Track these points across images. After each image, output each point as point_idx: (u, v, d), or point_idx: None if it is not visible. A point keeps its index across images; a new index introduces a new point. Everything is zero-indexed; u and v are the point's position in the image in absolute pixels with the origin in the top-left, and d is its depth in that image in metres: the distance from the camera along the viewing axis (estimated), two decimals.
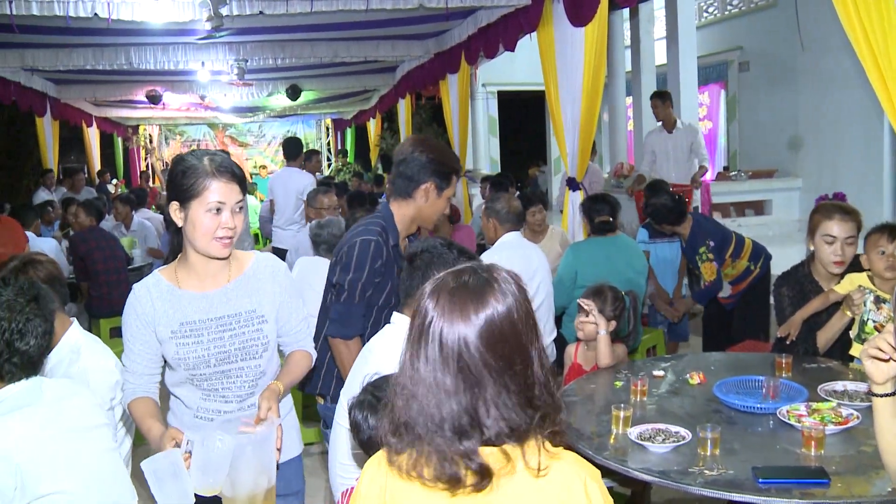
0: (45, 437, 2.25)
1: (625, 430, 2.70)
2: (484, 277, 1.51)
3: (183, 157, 2.37)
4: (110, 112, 14.78)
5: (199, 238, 2.32)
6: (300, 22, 7.34)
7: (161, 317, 2.39)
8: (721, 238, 5.22)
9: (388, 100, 13.07)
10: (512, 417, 1.45)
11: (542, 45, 6.50)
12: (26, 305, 2.31)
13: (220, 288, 2.44)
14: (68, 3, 5.73)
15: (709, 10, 13.20)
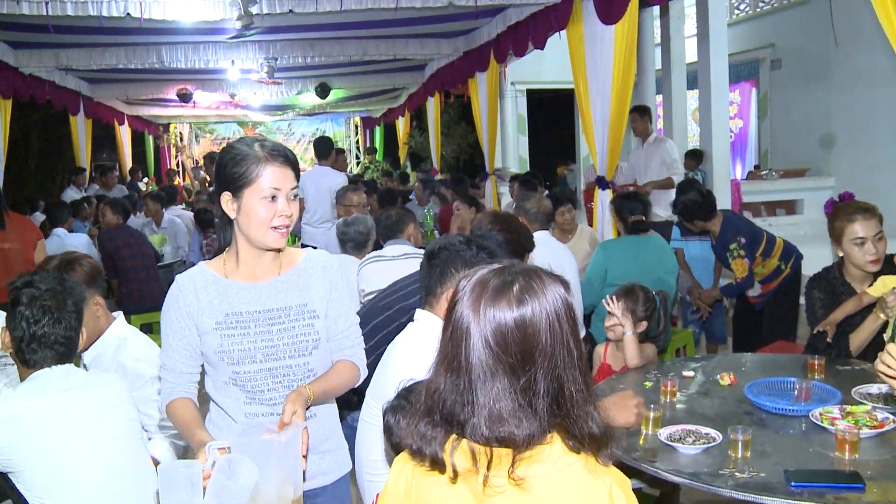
0: (47, 412, 2.37)
1: (654, 430, 2.68)
2: (525, 272, 1.52)
3: (231, 146, 2.26)
4: (142, 110, 14.92)
5: (254, 228, 2.20)
6: (329, 20, 7.36)
7: (206, 307, 2.25)
8: (752, 235, 5.16)
9: (416, 98, 13.07)
10: (540, 417, 1.45)
11: (571, 42, 6.46)
12: (44, 293, 2.48)
13: (270, 280, 2.31)
14: (102, 4, 5.79)
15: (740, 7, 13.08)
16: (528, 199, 4.87)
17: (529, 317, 1.44)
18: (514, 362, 1.44)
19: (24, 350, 2.46)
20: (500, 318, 1.44)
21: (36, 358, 2.46)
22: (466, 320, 1.47)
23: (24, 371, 2.50)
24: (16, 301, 2.48)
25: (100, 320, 3.02)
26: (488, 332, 1.44)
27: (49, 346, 2.46)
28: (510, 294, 1.46)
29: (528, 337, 1.44)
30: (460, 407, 1.47)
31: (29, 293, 2.48)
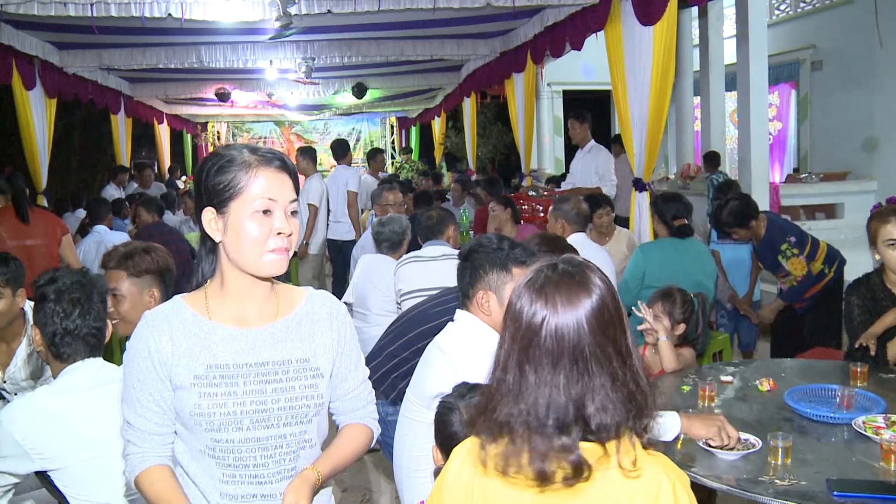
0: (79, 408, 2.39)
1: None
2: (578, 263, 1.54)
3: (216, 152, 1.83)
4: (180, 109, 15.09)
5: (245, 251, 1.76)
6: (367, 20, 7.39)
7: (182, 355, 1.80)
8: (799, 234, 5.07)
9: (453, 98, 13.07)
10: (614, 409, 1.45)
11: (609, 43, 6.42)
12: (70, 287, 2.51)
13: (264, 326, 1.86)
14: (144, 4, 5.87)
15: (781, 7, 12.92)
16: (566, 200, 4.87)
17: (595, 309, 1.46)
18: (588, 359, 1.45)
19: (59, 344, 2.48)
20: (568, 317, 1.46)
21: (69, 351, 2.49)
22: (533, 322, 1.48)
23: (56, 365, 2.53)
24: (42, 297, 2.51)
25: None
26: (560, 334, 1.46)
27: (81, 338, 2.50)
28: (572, 289, 1.48)
29: (600, 328, 1.46)
30: (528, 411, 1.47)
31: (55, 288, 2.51)
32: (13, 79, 7.42)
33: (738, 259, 5.92)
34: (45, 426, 2.33)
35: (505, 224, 6.20)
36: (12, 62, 7.30)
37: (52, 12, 5.75)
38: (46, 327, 2.49)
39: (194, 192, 1.83)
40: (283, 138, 20.55)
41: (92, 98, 9.77)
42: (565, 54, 7.95)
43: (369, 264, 5.13)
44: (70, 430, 2.35)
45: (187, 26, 6.88)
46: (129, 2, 5.80)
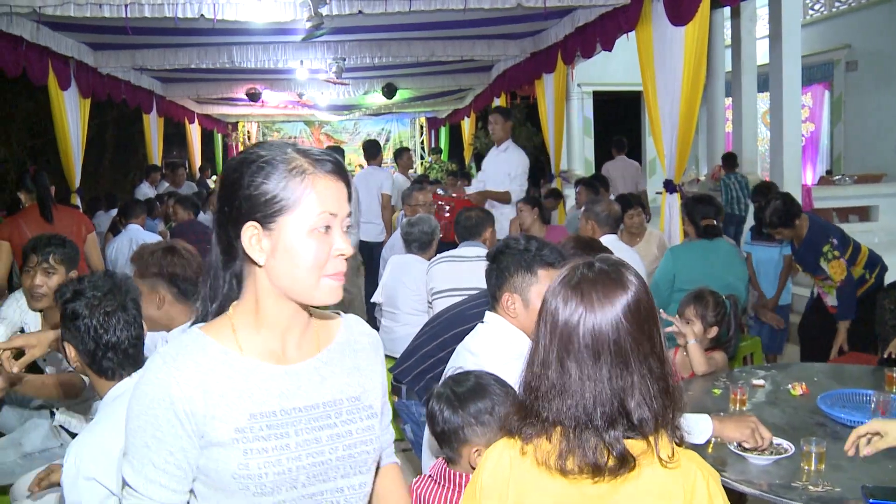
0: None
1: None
2: (613, 262, 1.58)
3: (252, 150, 1.47)
4: (211, 109, 15.20)
5: (300, 275, 1.43)
6: (397, 21, 7.40)
7: (217, 405, 1.42)
8: (841, 236, 4.88)
9: (482, 99, 13.05)
10: (653, 404, 1.48)
11: (640, 44, 6.38)
12: (103, 299, 2.31)
13: (307, 361, 1.54)
14: (177, 5, 5.92)
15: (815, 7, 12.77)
16: (598, 202, 4.86)
17: (631, 308, 1.49)
18: (624, 356, 1.48)
19: (99, 361, 2.30)
20: (603, 315, 1.49)
21: (112, 366, 2.31)
22: (568, 320, 1.51)
23: (102, 383, 2.34)
24: (74, 315, 2.29)
25: (160, 310, 3.04)
26: (594, 333, 1.49)
27: (123, 351, 2.31)
28: (608, 288, 1.51)
29: (634, 326, 1.49)
30: (565, 405, 1.50)
31: (86, 302, 2.29)
32: (49, 79, 7.53)
33: (768, 259, 5.86)
34: (113, 470, 2.09)
35: (532, 224, 6.19)
36: (48, 63, 7.41)
37: (87, 13, 5.82)
38: (84, 345, 2.29)
39: (223, 200, 1.47)
40: (312, 138, 20.67)
41: (125, 98, 9.88)
42: (596, 55, 7.91)
43: (399, 264, 5.15)
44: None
45: (219, 27, 6.94)
46: (162, 3, 5.86)
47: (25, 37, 6.61)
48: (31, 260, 3.58)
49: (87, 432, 2.23)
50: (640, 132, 15.81)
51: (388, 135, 21.00)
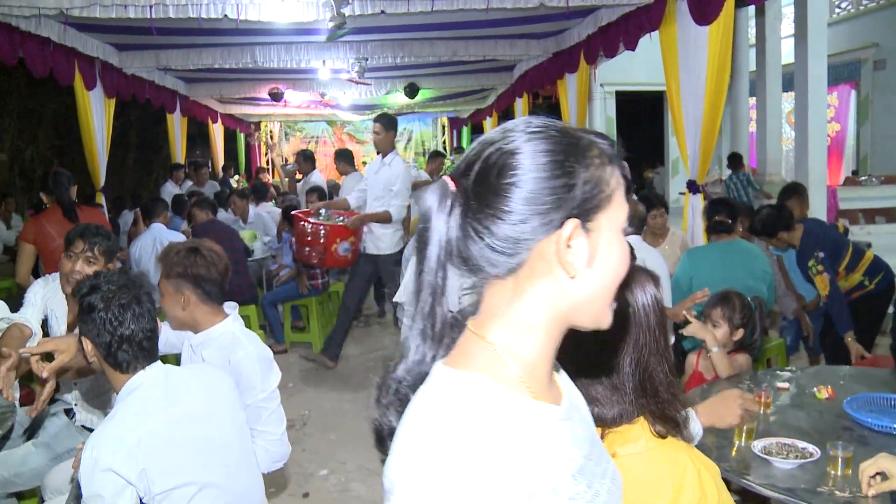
0: (167, 429, 2.31)
1: (748, 442, 2.61)
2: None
3: (553, 126, 1.11)
4: (234, 109, 15.27)
5: (606, 294, 1.13)
6: (420, 21, 7.41)
7: (551, 476, 1.05)
8: (833, 248, 4.88)
9: (504, 99, 13.03)
10: (633, 395, 1.56)
11: (664, 44, 6.34)
12: (117, 292, 2.37)
13: (567, 399, 1.19)
14: (201, 6, 5.96)
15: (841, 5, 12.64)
16: None
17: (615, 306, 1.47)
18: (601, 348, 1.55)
19: (115, 353, 2.36)
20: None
21: (128, 358, 2.37)
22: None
23: (117, 377, 2.40)
24: (90, 308, 2.36)
25: (185, 311, 3.08)
26: None
27: (138, 343, 2.38)
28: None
29: (615, 325, 1.44)
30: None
31: (101, 295, 2.37)
32: (75, 79, 7.60)
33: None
34: (131, 461, 2.19)
35: None
36: (75, 63, 7.48)
37: (112, 14, 5.86)
38: (100, 337, 2.36)
39: (536, 195, 1.04)
40: (334, 138, 20.71)
41: (149, 98, 9.95)
42: (619, 54, 7.86)
43: None
44: (155, 455, 2.24)
45: (242, 27, 6.98)
46: (186, 3, 5.90)
47: (53, 38, 6.69)
48: (77, 245, 3.63)
49: (104, 424, 2.28)
50: (663, 132, 15.74)
51: (410, 134, 20.99)
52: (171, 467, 2.26)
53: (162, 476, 2.23)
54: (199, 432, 2.40)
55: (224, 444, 2.49)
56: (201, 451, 2.38)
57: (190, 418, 2.40)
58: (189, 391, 2.48)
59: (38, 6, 5.61)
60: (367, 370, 6.96)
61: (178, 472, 2.28)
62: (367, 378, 6.70)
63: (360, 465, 4.87)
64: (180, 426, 2.35)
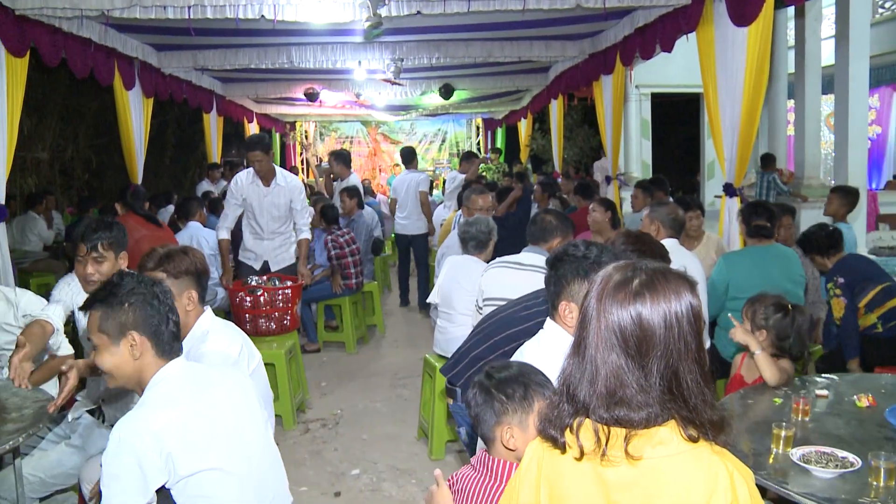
0: (192, 417, 2.35)
1: (786, 450, 2.57)
2: (648, 268, 1.65)
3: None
4: (269, 109, 15.37)
5: None
6: (456, 22, 7.41)
7: None
8: (856, 280, 4.78)
9: (540, 100, 13.00)
10: (660, 398, 1.57)
11: (701, 45, 6.28)
12: (152, 286, 2.49)
13: None
14: (238, 7, 6.00)
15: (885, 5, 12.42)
16: (664, 205, 4.78)
17: (646, 312, 1.57)
18: (630, 351, 1.57)
19: (163, 334, 2.44)
20: (617, 311, 1.58)
21: (170, 340, 2.47)
22: (591, 309, 1.63)
23: (148, 367, 2.46)
24: (143, 300, 2.44)
25: (189, 314, 3.12)
26: (607, 323, 1.59)
27: (173, 327, 2.49)
28: (628, 289, 1.59)
29: (643, 330, 1.56)
30: (583, 389, 1.61)
31: (153, 291, 2.47)
32: (115, 79, 7.71)
33: None
34: (156, 447, 2.23)
35: (604, 228, 6.11)
36: (114, 64, 7.58)
37: (152, 15, 5.94)
38: (149, 328, 2.43)
39: None
40: (369, 138, 20.79)
41: (186, 97, 10.06)
42: (655, 56, 7.80)
43: (455, 265, 5.14)
44: (181, 442, 2.28)
45: (279, 27, 7.03)
46: (224, 4, 5.95)
47: (94, 39, 6.81)
48: (81, 249, 3.71)
49: (132, 411, 2.33)
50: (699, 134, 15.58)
51: (445, 135, 21.01)
52: (194, 452, 2.31)
53: (186, 460, 2.28)
54: (222, 423, 2.43)
55: (245, 438, 2.52)
56: (223, 440, 2.41)
57: (213, 410, 2.43)
58: (212, 385, 2.52)
59: (81, 7, 5.69)
60: (398, 372, 6.97)
61: (201, 457, 2.32)
62: (398, 380, 6.72)
63: (391, 465, 4.88)
64: (203, 416, 2.39)
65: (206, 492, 2.34)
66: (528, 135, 15.51)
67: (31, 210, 10.17)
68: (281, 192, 6.37)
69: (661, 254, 3.27)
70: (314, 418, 5.79)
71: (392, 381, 6.67)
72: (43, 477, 3.42)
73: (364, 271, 8.07)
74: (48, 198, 11.01)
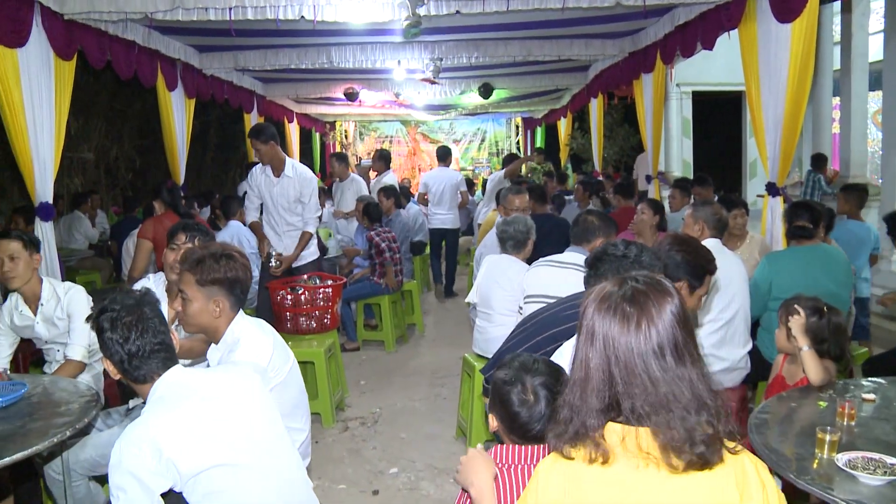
0: (187, 419, 2.40)
1: (831, 455, 2.52)
2: (652, 277, 1.71)
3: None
4: (309, 108, 15.45)
5: None
6: (495, 21, 7.39)
7: None
8: None
9: (579, 99, 12.91)
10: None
11: (743, 42, 6.18)
12: (121, 312, 2.54)
13: None
14: (278, 8, 6.05)
15: None
16: (708, 204, 4.73)
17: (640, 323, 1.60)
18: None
19: (130, 369, 2.53)
20: (605, 319, 1.64)
21: (144, 372, 2.54)
22: (587, 321, 1.69)
23: (141, 388, 2.58)
24: (100, 330, 2.56)
25: (218, 321, 3.14)
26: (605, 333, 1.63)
27: (147, 356, 2.53)
28: (622, 303, 1.64)
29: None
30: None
31: (108, 318, 2.54)
32: (158, 81, 7.82)
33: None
34: (156, 452, 2.30)
35: (646, 230, 6.04)
36: (157, 65, 7.69)
37: (194, 17, 6.01)
38: (113, 357, 2.54)
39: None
40: (408, 138, 20.82)
41: (227, 98, 10.16)
42: (696, 54, 7.71)
43: (494, 264, 5.13)
44: (181, 446, 2.33)
45: (319, 28, 7.06)
46: (264, 5, 6.00)
47: (138, 41, 6.92)
48: (179, 238, 4.08)
49: (128, 427, 2.38)
50: (741, 133, 15.38)
51: (484, 135, 20.96)
52: (196, 451, 2.35)
53: (188, 460, 2.32)
54: (225, 420, 2.46)
55: (255, 432, 2.54)
56: (229, 436, 2.44)
57: (211, 407, 2.47)
58: (210, 384, 2.57)
59: (125, 11, 5.79)
60: (437, 371, 6.97)
61: (204, 455, 2.36)
62: (437, 379, 6.72)
63: (429, 464, 4.88)
64: (200, 416, 2.43)
65: (218, 486, 2.38)
66: (567, 134, 15.42)
67: (76, 209, 10.36)
68: (290, 184, 6.37)
69: (707, 259, 3.23)
70: (353, 416, 5.82)
71: (431, 381, 6.68)
72: (94, 456, 3.51)
73: (404, 270, 8.10)
74: (93, 197, 11.21)
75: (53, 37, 5.64)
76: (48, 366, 4.33)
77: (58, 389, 3.48)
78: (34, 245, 4.22)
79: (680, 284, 3.06)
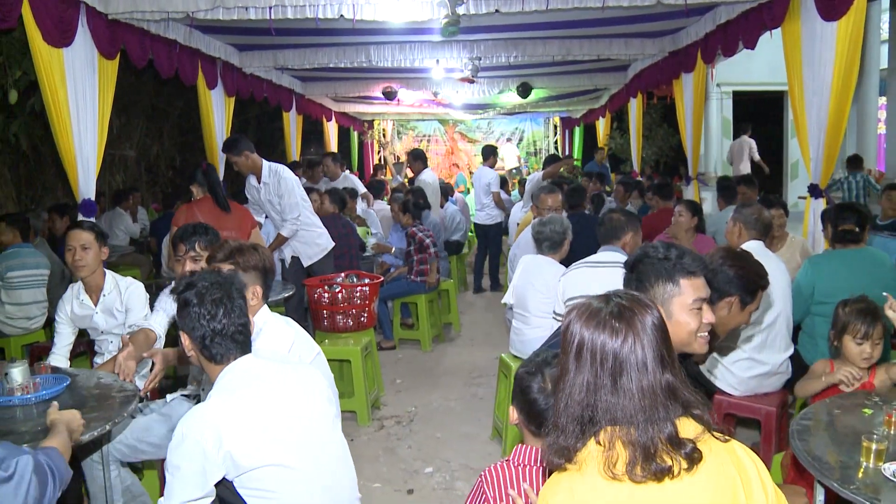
0: (252, 414, 2.40)
1: (877, 464, 2.46)
2: (630, 294, 1.81)
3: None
4: (348, 107, 15.52)
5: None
6: (534, 20, 7.36)
7: None
8: None
9: (618, 99, 12.83)
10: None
11: (786, 41, 6.09)
12: (210, 289, 2.54)
13: None
14: (318, 7, 6.08)
15: None
16: (750, 206, 4.64)
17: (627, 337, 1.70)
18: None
19: (210, 346, 2.52)
20: (595, 335, 1.72)
21: (222, 351, 2.52)
22: (574, 337, 1.74)
23: (213, 368, 2.56)
24: (185, 303, 2.54)
25: (252, 308, 3.16)
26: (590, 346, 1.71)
27: (230, 336, 2.52)
28: (604, 318, 1.72)
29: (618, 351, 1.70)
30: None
31: (196, 291, 2.53)
32: (198, 79, 7.90)
33: None
34: (217, 440, 2.31)
35: (682, 232, 5.96)
36: (198, 64, 7.77)
37: (234, 16, 6.06)
38: (195, 331, 2.53)
39: None
40: (446, 136, 20.84)
41: (266, 96, 10.24)
42: (737, 53, 7.60)
43: (529, 265, 5.10)
44: (241, 435, 2.34)
45: (358, 27, 7.09)
46: (304, 4, 6.03)
47: (179, 40, 7.01)
48: (180, 249, 3.99)
49: (196, 407, 2.41)
50: (783, 134, 15.16)
51: (522, 134, 20.91)
52: (255, 447, 2.36)
53: (246, 454, 2.33)
54: (286, 420, 2.46)
55: (313, 436, 2.54)
56: (287, 437, 2.44)
57: (276, 406, 2.47)
58: (279, 382, 2.56)
59: (167, 10, 5.86)
60: (473, 371, 6.96)
61: (262, 453, 2.37)
62: (473, 379, 6.71)
63: (464, 464, 4.87)
64: (265, 412, 2.43)
65: (267, 486, 2.39)
66: (606, 134, 15.32)
67: (118, 206, 10.50)
68: (270, 188, 6.43)
69: (760, 274, 3.16)
70: (389, 415, 5.83)
71: (467, 380, 6.67)
72: (132, 441, 3.57)
73: (440, 269, 8.09)
74: (134, 194, 11.35)
75: (98, 36, 5.73)
76: (99, 357, 4.40)
77: (100, 383, 3.53)
78: (104, 238, 4.35)
79: (731, 300, 3.00)
